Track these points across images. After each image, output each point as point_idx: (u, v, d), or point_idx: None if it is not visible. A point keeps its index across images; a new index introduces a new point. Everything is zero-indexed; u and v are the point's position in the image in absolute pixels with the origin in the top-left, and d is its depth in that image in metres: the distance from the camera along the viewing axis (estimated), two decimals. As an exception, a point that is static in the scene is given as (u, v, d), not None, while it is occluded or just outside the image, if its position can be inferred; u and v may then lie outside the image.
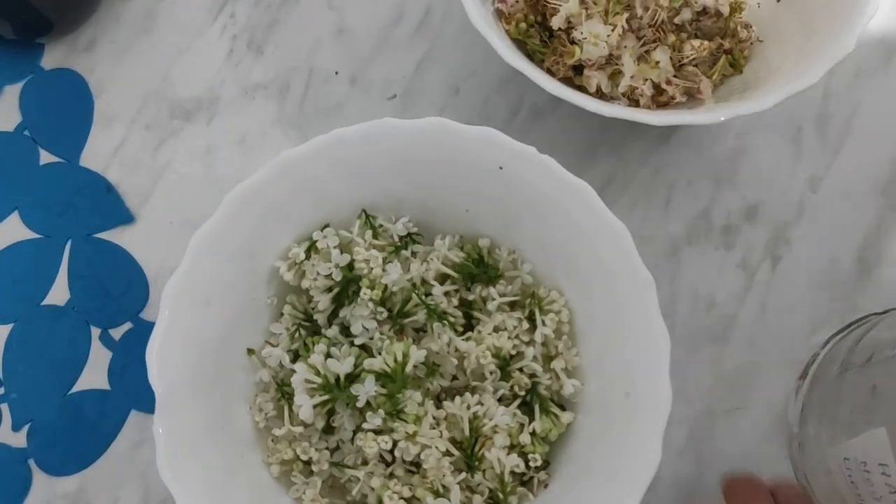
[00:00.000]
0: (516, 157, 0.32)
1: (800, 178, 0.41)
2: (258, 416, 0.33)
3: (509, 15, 0.40)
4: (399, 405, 0.31)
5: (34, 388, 0.39)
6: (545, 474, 0.33)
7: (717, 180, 0.42)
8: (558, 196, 0.32)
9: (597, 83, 0.39)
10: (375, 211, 0.35)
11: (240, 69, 0.44)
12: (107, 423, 0.39)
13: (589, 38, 0.37)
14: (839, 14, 0.37)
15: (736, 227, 0.41)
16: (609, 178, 0.41)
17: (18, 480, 0.38)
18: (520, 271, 0.35)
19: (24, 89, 0.44)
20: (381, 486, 0.32)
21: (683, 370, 0.38)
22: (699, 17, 0.39)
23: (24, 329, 0.40)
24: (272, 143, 0.43)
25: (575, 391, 0.33)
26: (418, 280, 0.34)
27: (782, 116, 0.42)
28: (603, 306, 0.33)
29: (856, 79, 0.43)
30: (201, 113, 0.43)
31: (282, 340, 0.34)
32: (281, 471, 0.33)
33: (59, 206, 0.42)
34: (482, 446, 0.32)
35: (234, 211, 0.32)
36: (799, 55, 0.38)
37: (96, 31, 0.45)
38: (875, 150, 0.42)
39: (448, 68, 0.44)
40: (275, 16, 0.45)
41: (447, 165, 0.34)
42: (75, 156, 0.43)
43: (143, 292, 0.40)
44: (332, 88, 0.44)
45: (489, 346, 0.32)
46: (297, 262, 0.34)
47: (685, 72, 0.39)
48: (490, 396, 0.33)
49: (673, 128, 0.42)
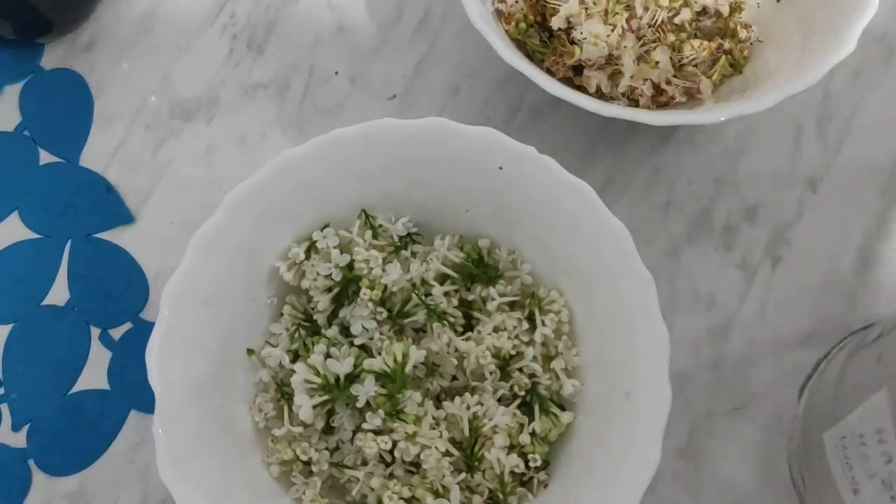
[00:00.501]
0: (516, 157, 0.32)
1: (800, 178, 0.41)
2: (258, 416, 0.33)
3: (509, 15, 0.40)
4: (399, 405, 0.31)
5: (34, 388, 0.39)
6: (545, 474, 0.33)
7: (717, 180, 0.41)
8: (558, 196, 0.32)
9: (596, 83, 0.39)
10: (375, 211, 0.35)
11: (240, 69, 0.44)
12: (107, 423, 0.38)
13: (589, 38, 0.37)
14: (839, 14, 0.37)
15: (736, 227, 0.41)
16: (609, 178, 0.41)
17: (18, 480, 0.38)
18: (520, 271, 0.35)
19: (24, 89, 0.44)
20: (380, 487, 0.32)
21: (683, 370, 0.38)
22: (699, 17, 0.39)
23: (24, 329, 0.40)
24: (272, 143, 0.43)
25: (575, 391, 0.33)
26: (418, 280, 0.34)
27: (782, 116, 0.42)
28: (603, 306, 0.33)
29: (856, 79, 0.43)
30: (201, 113, 0.43)
31: (282, 340, 0.34)
32: (281, 471, 0.33)
33: (58, 206, 0.42)
34: (482, 446, 0.32)
35: (234, 211, 0.32)
36: (799, 55, 0.38)
37: (96, 31, 0.45)
38: (875, 150, 0.42)
39: (448, 68, 0.44)
40: (275, 16, 0.45)
41: (447, 165, 0.34)
42: (75, 156, 0.43)
43: (143, 292, 0.40)
44: (332, 88, 0.44)
45: (489, 346, 0.32)
46: (297, 262, 0.34)
47: (685, 72, 0.39)
48: (490, 396, 0.33)
49: (673, 128, 0.42)
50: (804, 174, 0.42)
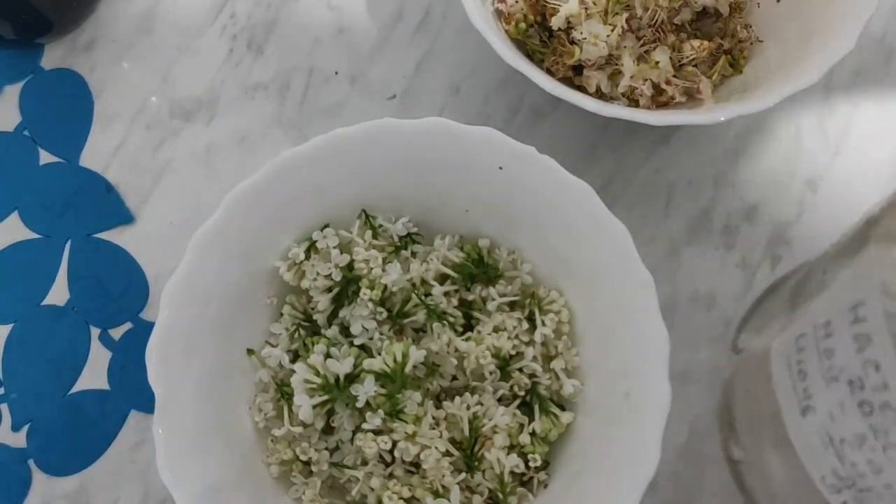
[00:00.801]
0: (516, 157, 0.32)
1: (800, 178, 0.41)
2: (258, 416, 0.33)
3: (509, 15, 0.40)
4: (399, 405, 0.31)
5: (34, 388, 0.39)
6: (545, 474, 0.33)
7: (717, 180, 0.41)
8: (558, 196, 0.32)
9: (596, 83, 0.39)
10: (375, 211, 0.35)
11: (240, 69, 0.44)
12: (107, 423, 0.38)
13: (589, 38, 0.37)
14: (839, 14, 0.37)
15: (736, 227, 0.41)
16: (609, 178, 0.41)
17: (18, 480, 0.38)
18: (520, 271, 0.35)
19: (24, 89, 0.44)
20: (380, 487, 0.32)
21: (683, 370, 0.38)
22: (699, 17, 0.39)
23: (24, 329, 0.40)
24: (272, 143, 0.43)
25: (575, 391, 0.33)
26: (418, 280, 0.34)
27: (782, 116, 0.42)
28: (603, 306, 0.33)
29: (856, 79, 0.43)
30: (201, 113, 0.43)
31: (281, 340, 0.34)
32: (281, 471, 0.33)
33: (58, 206, 0.42)
34: (482, 446, 0.32)
35: (234, 211, 0.32)
36: (799, 55, 0.38)
37: (96, 31, 0.45)
38: (875, 150, 0.42)
39: (448, 68, 0.44)
40: (275, 16, 0.45)
41: (447, 165, 0.34)
42: (75, 156, 0.43)
43: (142, 292, 0.40)
44: (332, 88, 0.44)
45: (489, 347, 0.32)
46: (297, 263, 0.34)
47: (685, 72, 0.39)
48: (490, 396, 0.33)
49: (673, 128, 0.42)
50: (804, 174, 0.42)
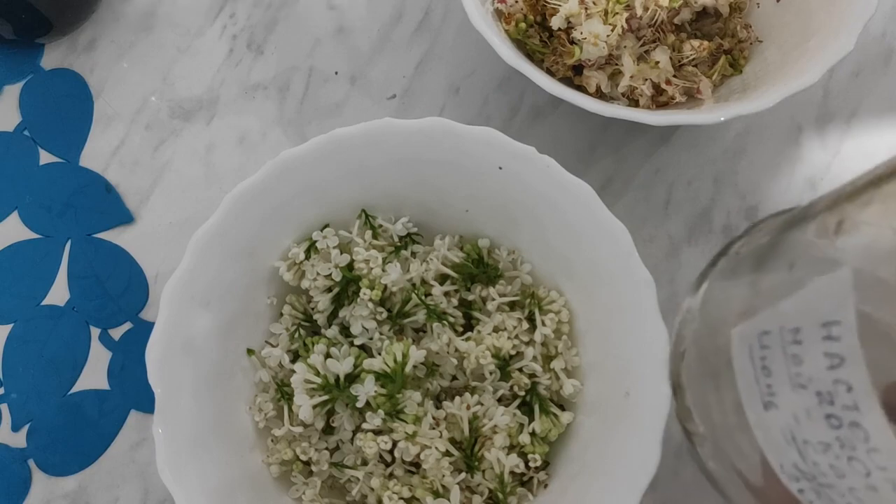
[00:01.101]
0: (516, 157, 0.32)
1: (800, 178, 0.41)
2: (258, 416, 0.33)
3: (509, 15, 0.40)
4: (398, 405, 0.31)
5: (34, 388, 0.39)
6: (545, 474, 0.33)
7: (717, 180, 0.41)
8: (558, 196, 0.32)
9: (596, 83, 0.39)
10: (375, 211, 0.35)
11: (240, 69, 0.44)
12: (106, 423, 0.39)
13: (589, 38, 0.37)
14: (839, 14, 0.37)
15: (736, 227, 0.41)
16: (609, 178, 0.41)
17: (18, 480, 0.38)
18: (520, 271, 0.35)
19: (24, 89, 0.44)
20: (380, 487, 0.32)
21: (683, 370, 0.38)
22: (699, 17, 0.39)
23: (23, 329, 0.40)
24: (272, 143, 0.43)
25: (575, 391, 0.33)
26: (418, 280, 0.34)
27: (782, 116, 0.42)
28: (603, 306, 0.33)
29: (856, 79, 0.43)
30: (201, 113, 0.43)
31: (281, 340, 0.34)
32: (281, 471, 0.33)
33: (58, 206, 0.42)
34: (482, 446, 0.32)
35: (233, 211, 0.32)
36: (799, 55, 0.38)
37: (96, 31, 0.45)
38: (875, 151, 0.42)
39: (448, 68, 0.44)
40: (275, 16, 0.45)
41: (447, 165, 0.34)
42: (75, 156, 0.43)
43: (142, 292, 0.40)
44: (332, 88, 0.44)
45: (489, 346, 0.32)
46: (297, 263, 0.34)
47: (685, 72, 0.39)
48: (490, 396, 0.33)
49: (673, 128, 0.42)
50: (804, 174, 0.42)
